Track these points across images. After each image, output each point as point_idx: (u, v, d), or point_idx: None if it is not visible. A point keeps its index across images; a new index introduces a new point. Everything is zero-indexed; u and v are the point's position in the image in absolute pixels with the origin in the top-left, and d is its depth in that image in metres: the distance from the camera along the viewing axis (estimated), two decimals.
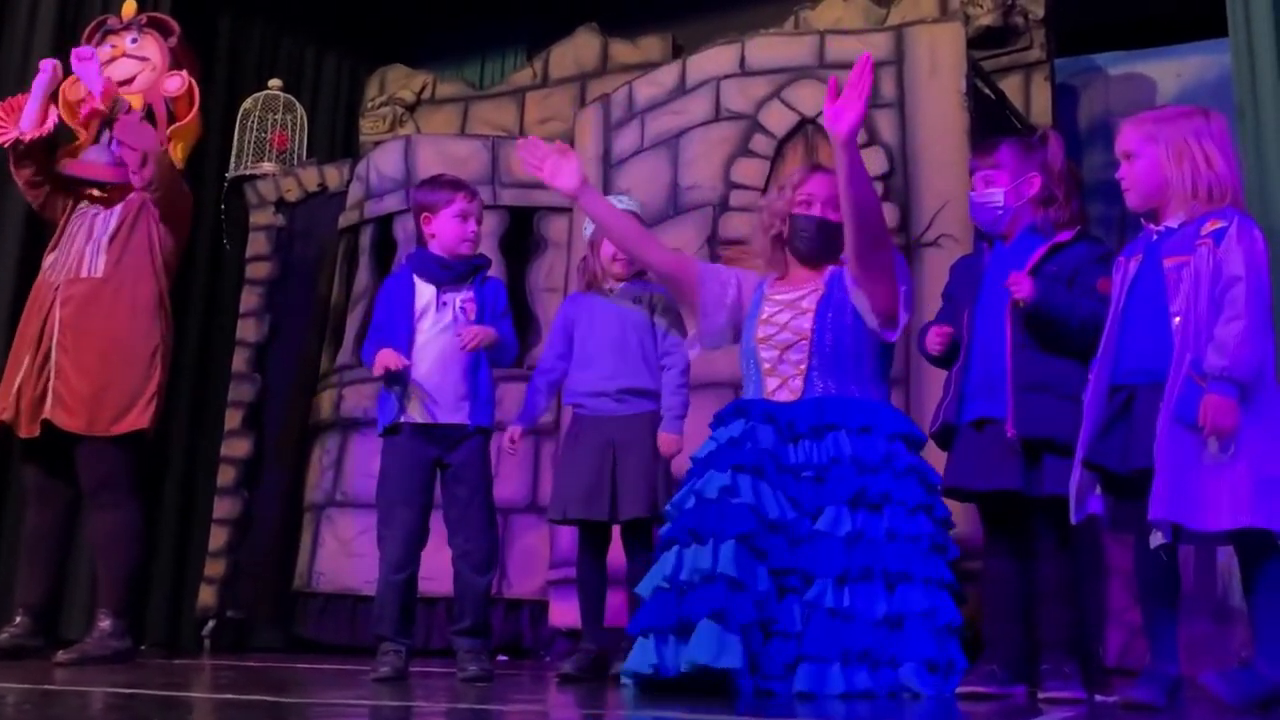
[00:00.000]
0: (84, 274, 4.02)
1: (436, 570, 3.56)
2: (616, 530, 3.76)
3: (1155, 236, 2.82)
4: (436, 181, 3.67)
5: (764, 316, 3.33)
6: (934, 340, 3.19)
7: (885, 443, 3.15)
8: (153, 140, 4.10)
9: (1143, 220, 2.88)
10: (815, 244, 3.31)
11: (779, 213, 3.37)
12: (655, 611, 3.01)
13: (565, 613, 4.44)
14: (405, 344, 3.46)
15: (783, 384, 3.26)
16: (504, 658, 4.59)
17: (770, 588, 2.95)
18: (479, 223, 3.59)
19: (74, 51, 4.18)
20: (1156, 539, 2.63)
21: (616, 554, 3.76)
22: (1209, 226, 2.70)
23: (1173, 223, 2.79)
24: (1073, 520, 2.82)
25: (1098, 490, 2.81)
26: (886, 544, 3.02)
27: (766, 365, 3.29)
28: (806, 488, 3.11)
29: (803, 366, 3.24)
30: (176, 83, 4.33)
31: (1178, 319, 2.68)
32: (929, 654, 2.94)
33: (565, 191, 3.46)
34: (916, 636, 2.95)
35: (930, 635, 2.96)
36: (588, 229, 3.88)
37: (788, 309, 3.30)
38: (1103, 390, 2.79)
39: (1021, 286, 2.96)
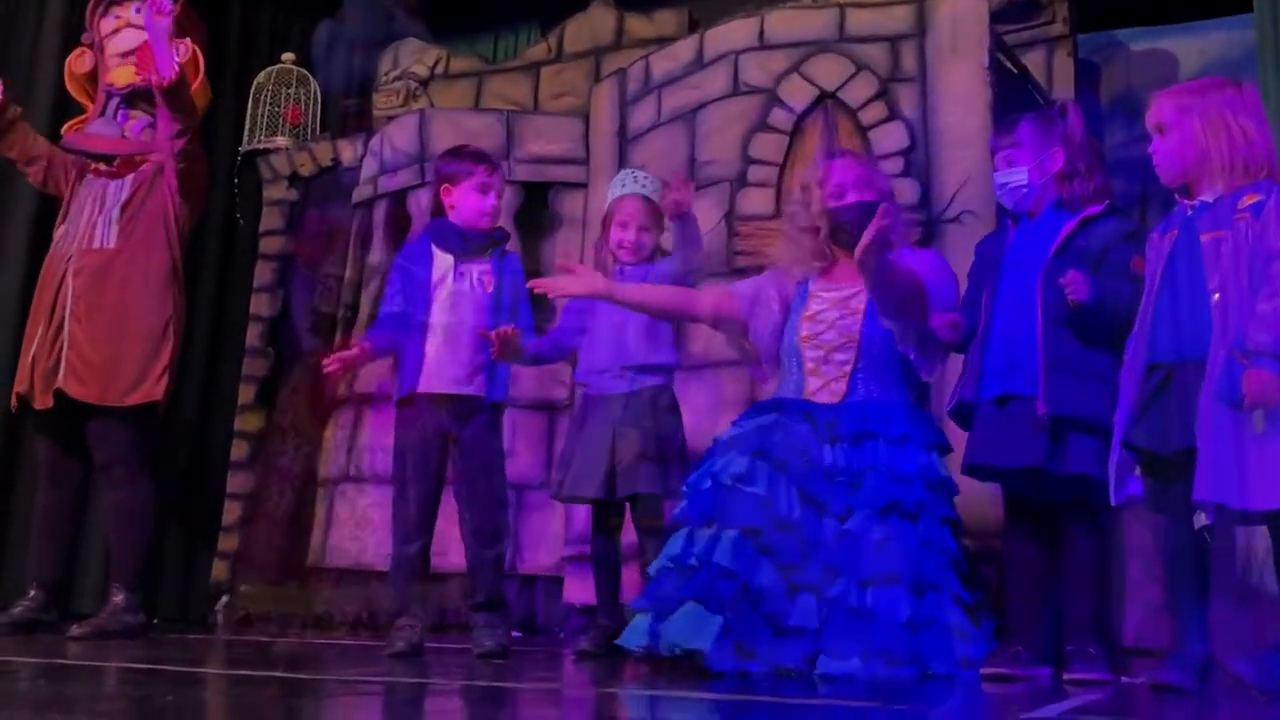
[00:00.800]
0: (96, 245, 3.99)
1: (451, 545, 3.54)
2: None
3: (1190, 211, 2.75)
4: (459, 152, 3.63)
5: (809, 313, 3.29)
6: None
7: (923, 453, 3.10)
8: (195, 113, 4.09)
9: (1176, 195, 2.81)
10: (862, 228, 3.21)
11: (816, 213, 3.32)
12: (657, 591, 2.99)
13: (580, 589, 4.42)
14: (422, 311, 3.45)
15: (825, 385, 3.22)
16: (518, 634, 4.58)
17: (775, 583, 2.91)
18: (499, 196, 3.56)
19: (151, 2, 4.08)
20: (1200, 520, 2.57)
21: (631, 530, 3.74)
22: (1246, 200, 2.63)
23: (1208, 197, 2.72)
24: (1113, 502, 2.77)
25: (1137, 471, 2.76)
26: (919, 550, 2.97)
27: (810, 365, 3.25)
28: (839, 491, 3.05)
29: (848, 368, 3.21)
30: (181, 50, 4.27)
31: (1217, 296, 2.61)
32: (958, 655, 2.93)
33: (595, 294, 3.42)
34: (947, 643, 2.92)
35: (956, 643, 2.95)
36: (611, 195, 3.83)
37: (836, 307, 3.27)
38: (1139, 370, 2.74)
39: (1079, 288, 2.87)
